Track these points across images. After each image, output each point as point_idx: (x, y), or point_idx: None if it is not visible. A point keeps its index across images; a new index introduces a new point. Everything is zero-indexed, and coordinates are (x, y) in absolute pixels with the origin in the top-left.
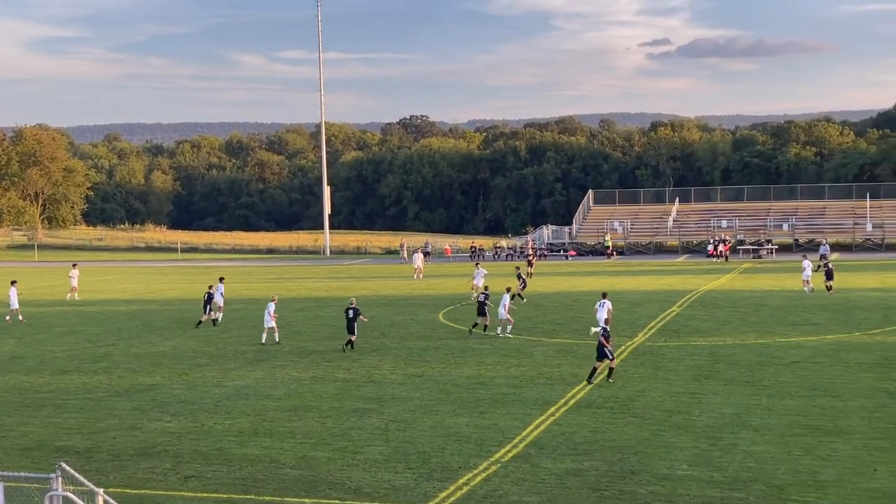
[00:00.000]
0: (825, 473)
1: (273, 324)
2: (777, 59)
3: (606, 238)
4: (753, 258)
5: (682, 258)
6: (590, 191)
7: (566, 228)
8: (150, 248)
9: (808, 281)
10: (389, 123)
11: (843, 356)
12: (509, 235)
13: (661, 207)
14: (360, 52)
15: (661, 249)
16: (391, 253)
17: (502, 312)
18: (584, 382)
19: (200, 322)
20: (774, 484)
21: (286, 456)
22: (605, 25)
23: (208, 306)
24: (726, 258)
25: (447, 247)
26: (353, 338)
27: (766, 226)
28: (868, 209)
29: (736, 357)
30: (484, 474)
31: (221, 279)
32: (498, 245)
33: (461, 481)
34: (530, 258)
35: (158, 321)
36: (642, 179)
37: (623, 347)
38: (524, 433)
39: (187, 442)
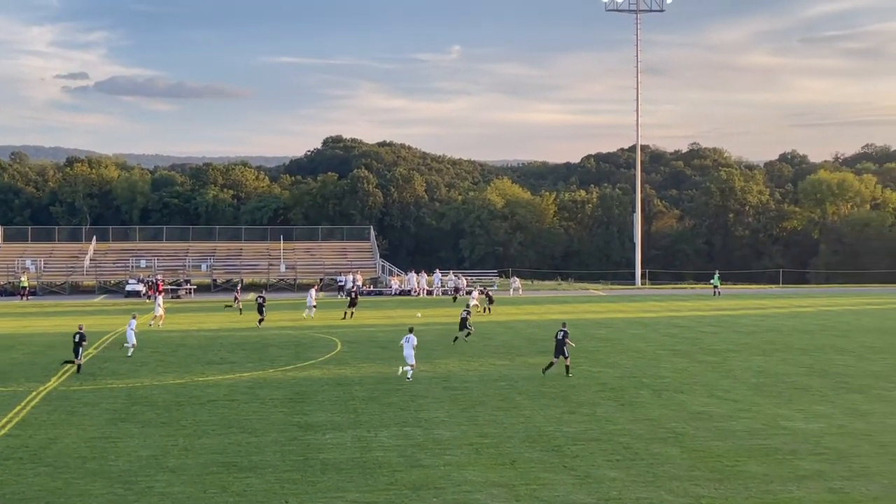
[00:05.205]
0: None
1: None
2: (197, 102)
3: (23, 278)
4: (173, 298)
5: (99, 298)
6: (0, 227)
7: None
8: None
9: (477, 304)
10: None
11: (258, 393)
12: None
13: (77, 246)
14: None
15: (77, 289)
16: None
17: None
18: None
19: None
20: None
21: None
22: (16, 53)
23: None
24: (152, 297)
25: None
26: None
27: (186, 266)
28: (282, 251)
29: (154, 398)
30: None
31: None
32: None
33: None
34: (237, 292)
35: None
36: (57, 216)
37: (34, 393)
38: None
39: None
